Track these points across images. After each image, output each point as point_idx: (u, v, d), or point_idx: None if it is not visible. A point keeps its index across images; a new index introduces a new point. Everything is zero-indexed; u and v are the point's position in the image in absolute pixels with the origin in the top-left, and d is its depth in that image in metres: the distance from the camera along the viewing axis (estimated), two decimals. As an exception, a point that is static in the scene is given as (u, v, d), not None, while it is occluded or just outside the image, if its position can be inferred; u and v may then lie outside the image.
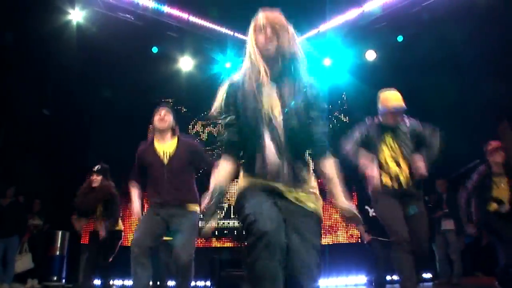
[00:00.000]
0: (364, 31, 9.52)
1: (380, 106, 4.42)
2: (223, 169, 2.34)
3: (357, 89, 10.19)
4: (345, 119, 11.00)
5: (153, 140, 4.35)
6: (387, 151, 4.34)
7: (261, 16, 2.40)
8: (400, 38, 9.31)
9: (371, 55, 9.79)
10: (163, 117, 4.29)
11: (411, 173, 4.22)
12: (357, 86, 10.19)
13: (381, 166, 4.31)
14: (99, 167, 6.21)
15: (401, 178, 4.22)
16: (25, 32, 8.37)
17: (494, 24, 7.60)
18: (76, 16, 8.57)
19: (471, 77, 8.45)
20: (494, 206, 5.57)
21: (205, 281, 9.66)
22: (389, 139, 4.38)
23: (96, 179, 6.11)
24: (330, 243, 10.18)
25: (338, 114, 11.08)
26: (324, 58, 10.19)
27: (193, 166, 4.41)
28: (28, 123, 8.93)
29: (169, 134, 4.36)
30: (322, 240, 10.27)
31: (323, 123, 2.34)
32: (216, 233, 10.61)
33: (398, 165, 4.27)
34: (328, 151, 2.36)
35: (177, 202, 4.14)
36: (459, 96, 8.61)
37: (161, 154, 4.24)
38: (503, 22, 7.45)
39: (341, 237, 10.25)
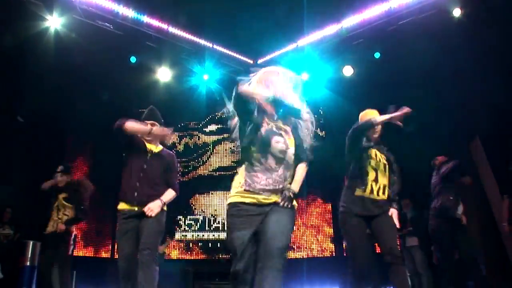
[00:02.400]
0: (342, 47, 9.65)
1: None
2: None
3: (334, 104, 10.32)
4: (322, 134, 11.10)
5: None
6: (372, 162, 4.42)
7: None
8: (377, 55, 9.47)
9: (348, 71, 9.92)
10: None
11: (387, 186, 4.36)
12: (334, 101, 10.32)
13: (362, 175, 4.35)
14: (62, 168, 6.52)
15: (374, 188, 4.29)
16: (0, 38, 8.24)
17: (468, 42, 7.80)
18: (54, 23, 8.46)
19: (444, 95, 8.63)
20: None
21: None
22: (374, 152, 4.50)
23: (61, 180, 6.42)
24: (305, 257, 10.21)
25: (314, 129, 11.14)
26: (302, 72, 10.28)
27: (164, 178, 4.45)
28: (1, 130, 8.74)
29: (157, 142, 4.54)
30: (298, 254, 10.31)
31: None
32: (190, 245, 10.54)
33: (377, 176, 4.35)
34: None
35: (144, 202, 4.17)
36: (433, 112, 8.78)
37: (148, 148, 4.40)
38: (477, 40, 7.65)
39: (316, 251, 10.29)
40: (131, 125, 4.21)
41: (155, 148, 4.47)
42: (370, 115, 4.62)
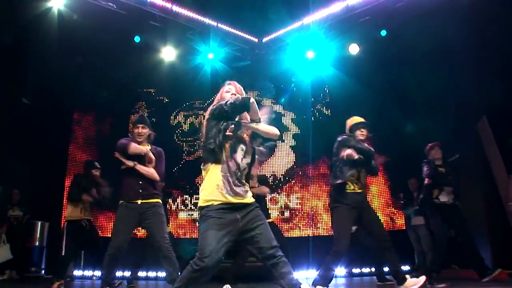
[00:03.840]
0: (348, 25, 9.53)
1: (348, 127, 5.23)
2: None
3: (340, 83, 10.25)
4: (327, 112, 11.05)
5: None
6: None
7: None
8: (383, 33, 9.35)
9: (354, 49, 9.82)
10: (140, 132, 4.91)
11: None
12: (340, 79, 10.25)
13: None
14: (98, 165, 6.84)
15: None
16: (4, 19, 8.20)
17: (476, 20, 7.67)
18: (57, 3, 8.40)
19: (452, 73, 8.54)
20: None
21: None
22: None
23: (96, 175, 6.74)
24: (311, 235, 10.27)
25: (320, 107, 11.12)
26: (307, 51, 10.20)
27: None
28: (7, 112, 8.75)
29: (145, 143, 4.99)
30: (304, 232, 10.37)
31: None
32: (196, 224, 10.62)
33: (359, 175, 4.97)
34: None
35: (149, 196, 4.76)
36: (440, 91, 8.71)
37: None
38: (485, 17, 7.52)
39: (322, 229, 10.34)
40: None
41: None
42: (354, 121, 5.21)
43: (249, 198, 3.00)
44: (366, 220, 4.90)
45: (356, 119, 5.20)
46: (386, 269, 7.17)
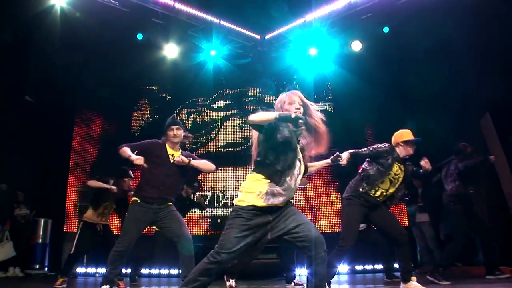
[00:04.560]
0: (350, 22, 9.52)
1: (399, 141, 5.00)
2: None
3: (342, 79, 10.26)
4: (330, 109, 11.04)
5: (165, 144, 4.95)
6: (392, 174, 4.83)
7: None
8: (386, 30, 9.35)
9: (356, 46, 9.82)
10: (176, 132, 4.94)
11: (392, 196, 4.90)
12: (342, 76, 10.25)
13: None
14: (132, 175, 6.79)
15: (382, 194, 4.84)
16: (7, 16, 8.21)
17: (479, 17, 7.65)
18: (60, 0, 8.42)
19: (454, 70, 8.52)
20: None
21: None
22: (397, 167, 4.86)
23: (129, 183, 6.71)
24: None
25: (322, 104, 11.11)
26: (310, 48, 10.20)
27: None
28: (10, 110, 8.76)
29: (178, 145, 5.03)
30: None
31: None
32: (199, 221, 10.63)
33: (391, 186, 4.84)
34: None
35: (166, 201, 4.78)
36: (442, 88, 8.69)
37: (170, 155, 4.86)
38: (488, 14, 7.50)
39: (324, 226, 10.35)
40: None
41: (176, 153, 4.91)
42: (406, 136, 5.01)
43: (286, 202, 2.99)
44: (378, 216, 4.82)
45: (410, 134, 5.03)
46: (395, 265, 7.22)
